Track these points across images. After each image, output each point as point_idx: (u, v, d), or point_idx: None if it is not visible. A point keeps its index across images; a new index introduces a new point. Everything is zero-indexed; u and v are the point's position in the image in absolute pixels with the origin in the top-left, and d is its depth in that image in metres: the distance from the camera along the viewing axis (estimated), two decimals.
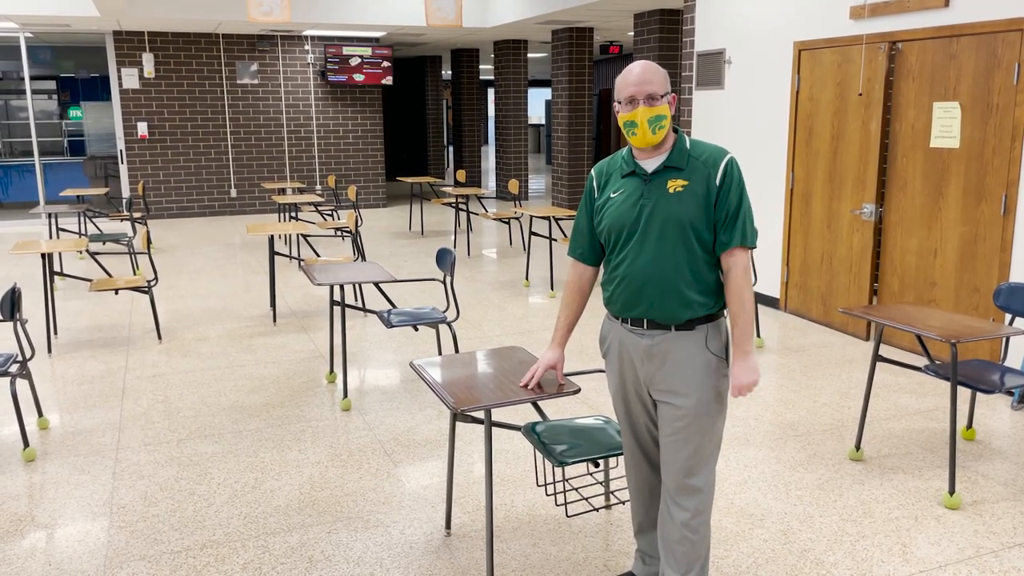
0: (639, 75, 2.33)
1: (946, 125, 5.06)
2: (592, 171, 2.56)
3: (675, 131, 2.42)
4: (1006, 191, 4.72)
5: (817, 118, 6.04)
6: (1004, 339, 4.39)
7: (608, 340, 2.55)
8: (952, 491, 3.35)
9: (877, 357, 3.74)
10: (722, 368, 2.42)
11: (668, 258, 2.34)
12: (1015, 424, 4.23)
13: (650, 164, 2.40)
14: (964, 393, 4.60)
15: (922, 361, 5.23)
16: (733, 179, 2.35)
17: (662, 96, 2.33)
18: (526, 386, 2.60)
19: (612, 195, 2.44)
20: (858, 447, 3.82)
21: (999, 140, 4.73)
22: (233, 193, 12.65)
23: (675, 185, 2.35)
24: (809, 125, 6.12)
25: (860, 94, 5.63)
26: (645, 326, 2.41)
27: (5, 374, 3.80)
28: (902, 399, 4.61)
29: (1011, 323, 3.88)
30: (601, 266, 2.59)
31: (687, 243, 2.33)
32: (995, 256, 4.82)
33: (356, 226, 6.86)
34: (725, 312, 2.46)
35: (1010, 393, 4.59)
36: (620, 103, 2.36)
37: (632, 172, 2.42)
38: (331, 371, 4.96)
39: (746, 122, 6.75)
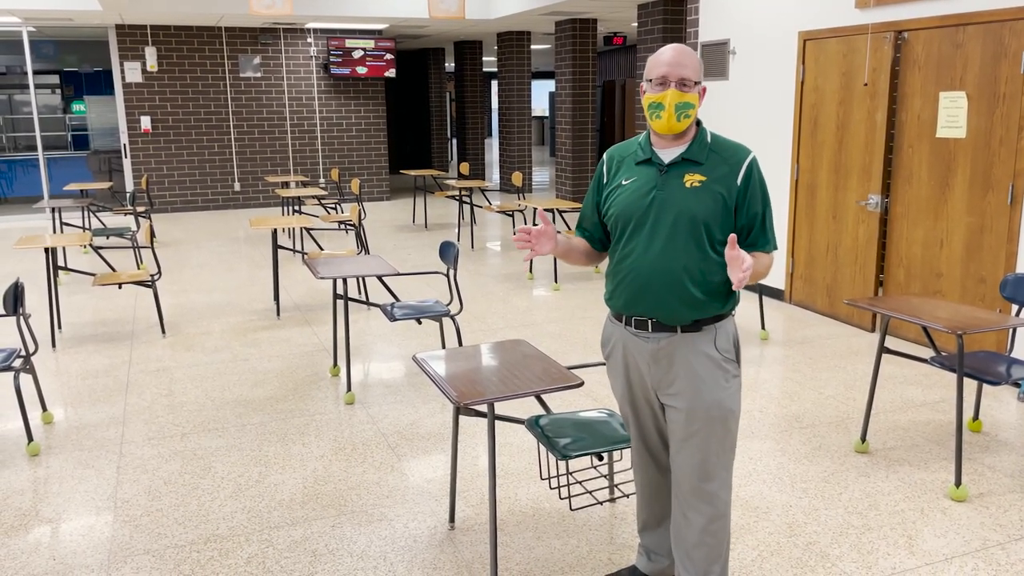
0: (675, 56, 2.20)
1: (952, 115, 5.02)
2: (604, 155, 2.44)
3: (697, 123, 2.32)
4: (1013, 181, 4.69)
5: (822, 109, 6.00)
6: (1011, 330, 4.36)
7: (611, 343, 2.46)
8: (958, 483, 3.33)
9: (883, 349, 3.71)
10: (732, 368, 2.32)
11: (677, 255, 2.23)
12: (1022, 416, 4.21)
13: (668, 154, 2.29)
14: (970, 385, 4.58)
15: (928, 353, 5.20)
16: (757, 181, 2.25)
17: (695, 84, 2.22)
18: (528, 233, 2.29)
19: (624, 182, 2.34)
20: (863, 439, 3.80)
21: (1006, 130, 4.70)
22: (236, 187, 12.65)
23: (692, 179, 2.24)
24: (814, 116, 6.08)
25: (865, 84, 5.59)
26: (649, 328, 2.31)
27: (9, 369, 3.80)
28: (908, 391, 4.59)
29: (1018, 314, 3.85)
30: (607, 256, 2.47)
31: (698, 241, 2.22)
32: (1002, 247, 4.79)
33: (359, 219, 6.84)
34: (734, 312, 2.36)
35: (1017, 384, 4.56)
36: (650, 82, 2.24)
37: (647, 160, 2.31)
38: (335, 365, 4.96)
39: (751, 113, 6.71)
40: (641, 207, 2.27)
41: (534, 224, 2.42)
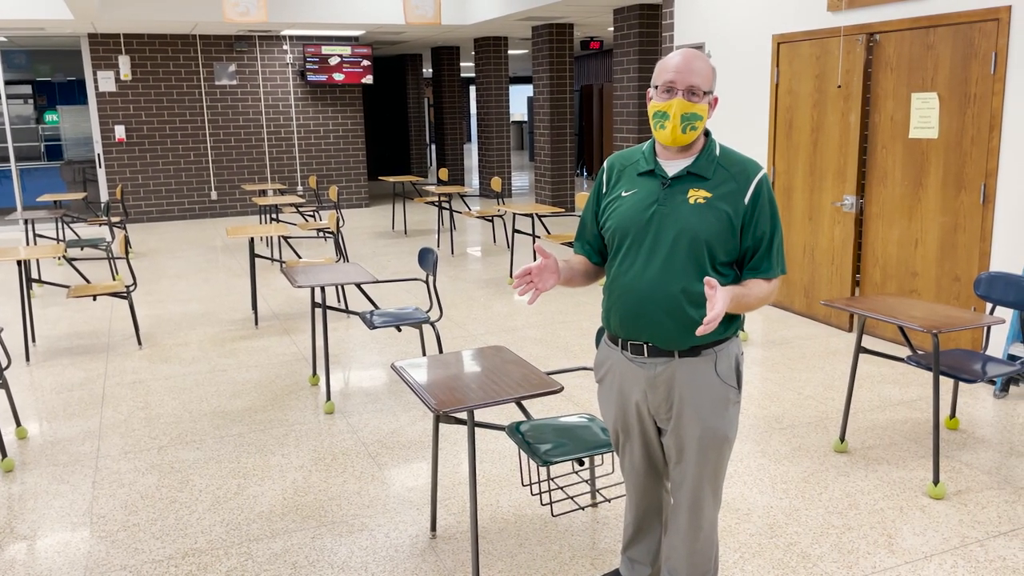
0: (684, 63, 2.07)
1: (924, 116, 5.07)
2: (605, 163, 2.31)
3: (706, 134, 2.19)
4: (985, 180, 4.74)
5: (797, 111, 6.05)
6: (985, 328, 4.41)
7: (605, 368, 2.35)
8: (936, 481, 3.36)
9: (860, 348, 3.74)
10: (732, 395, 2.22)
11: (676, 276, 2.11)
12: (998, 412, 4.26)
13: (672, 167, 2.16)
14: (947, 383, 4.62)
15: (905, 352, 5.25)
16: (767, 200, 2.12)
17: (704, 94, 2.08)
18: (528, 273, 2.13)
19: (624, 194, 2.21)
20: (842, 439, 3.82)
21: (977, 130, 4.75)
22: (213, 195, 12.55)
23: (696, 195, 2.11)
24: (789, 118, 6.13)
25: (839, 86, 5.64)
26: (646, 353, 2.20)
27: None
28: (886, 390, 4.63)
29: (992, 312, 3.90)
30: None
31: (699, 261, 2.10)
32: (975, 245, 4.85)
33: (338, 227, 6.81)
34: (738, 334, 2.26)
35: (992, 382, 4.61)
36: (656, 88, 2.11)
37: (650, 172, 2.19)
38: (314, 374, 4.92)
39: (726, 116, 6.75)
40: (640, 222, 2.15)
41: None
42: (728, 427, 2.23)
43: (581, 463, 2.95)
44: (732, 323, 2.21)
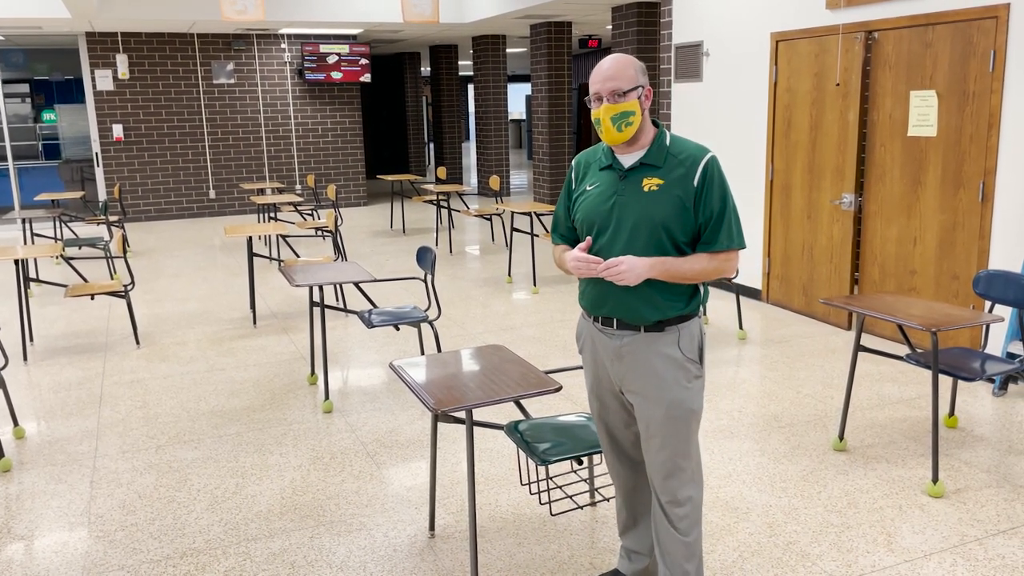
0: (604, 71, 2.27)
1: (923, 114, 5.07)
2: (573, 160, 2.53)
3: (656, 126, 2.36)
4: (983, 178, 4.74)
5: (795, 109, 6.04)
6: (984, 326, 4.41)
7: (582, 338, 2.52)
8: (935, 479, 3.36)
9: (859, 347, 3.74)
10: (694, 369, 2.35)
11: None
12: (997, 411, 4.25)
13: (627, 160, 2.34)
14: (946, 381, 4.62)
15: (904, 350, 5.24)
16: (714, 180, 2.27)
17: (629, 91, 2.25)
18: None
19: (588, 188, 2.40)
20: (841, 437, 3.82)
21: (976, 128, 4.75)
22: (212, 194, 12.54)
23: (650, 184, 2.28)
24: (788, 116, 6.12)
25: (837, 84, 5.63)
26: (615, 326, 2.36)
27: None
28: (885, 388, 4.62)
29: (990, 310, 3.90)
30: None
31: (659, 244, 2.27)
32: (974, 243, 4.84)
33: (336, 226, 6.80)
34: (700, 312, 2.40)
35: (991, 380, 4.61)
36: (589, 98, 2.32)
37: (609, 166, 2.37)
38: (312, 373, 4.92)
39: (725, 114, 6.75)
40: (603, 212, 2.33)
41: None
42: (692, 400, 2.35)
43: (580, 462, 2.94)
44: (693, 300, 2.36)
